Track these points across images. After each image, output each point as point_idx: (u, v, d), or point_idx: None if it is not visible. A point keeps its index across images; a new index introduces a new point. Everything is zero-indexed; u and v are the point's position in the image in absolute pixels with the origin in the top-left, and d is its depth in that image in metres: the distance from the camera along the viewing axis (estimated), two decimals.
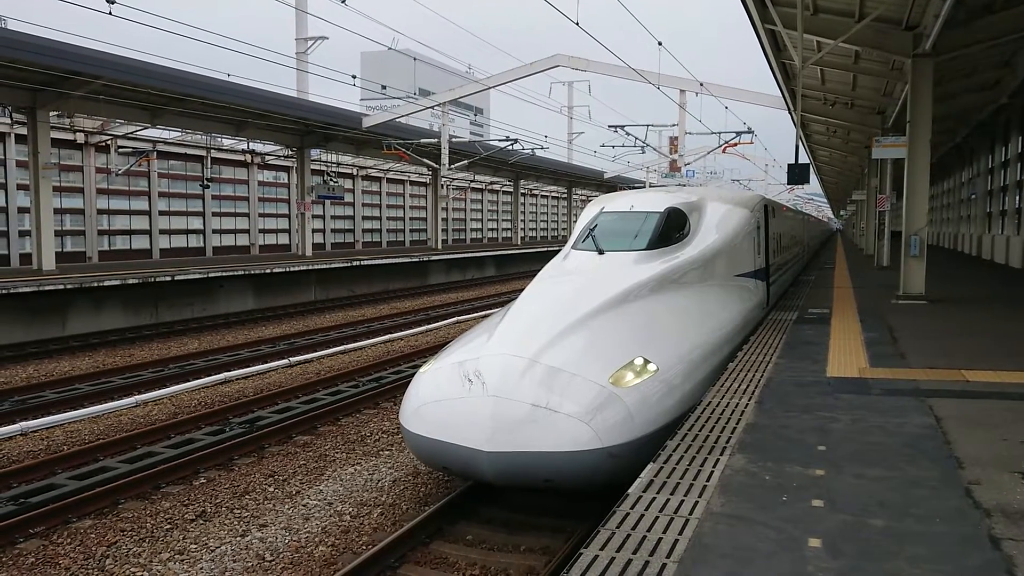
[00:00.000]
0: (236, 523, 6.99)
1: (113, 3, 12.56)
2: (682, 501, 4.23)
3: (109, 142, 27.46)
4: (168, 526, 6.92)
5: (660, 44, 21.99)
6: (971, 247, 32.11)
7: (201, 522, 7.03)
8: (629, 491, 4.42)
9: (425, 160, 32.03)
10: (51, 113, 20.56)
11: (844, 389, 6.96)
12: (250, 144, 31.75)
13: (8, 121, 24.01)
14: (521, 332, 6.93)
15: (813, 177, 58.05)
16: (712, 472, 4.71)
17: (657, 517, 4.01)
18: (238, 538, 6.66)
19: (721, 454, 5.06)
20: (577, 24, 16.30)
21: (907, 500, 4.23)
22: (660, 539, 3.73)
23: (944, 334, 10.27)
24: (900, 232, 14.58)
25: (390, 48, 30.59)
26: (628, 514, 4.07)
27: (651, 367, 6.68)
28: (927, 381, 7.28)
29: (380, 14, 27.54)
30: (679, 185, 29.74)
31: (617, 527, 3.89)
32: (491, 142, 36.30)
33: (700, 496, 4.30)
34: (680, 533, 3.78)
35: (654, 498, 4.30)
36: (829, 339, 9.74)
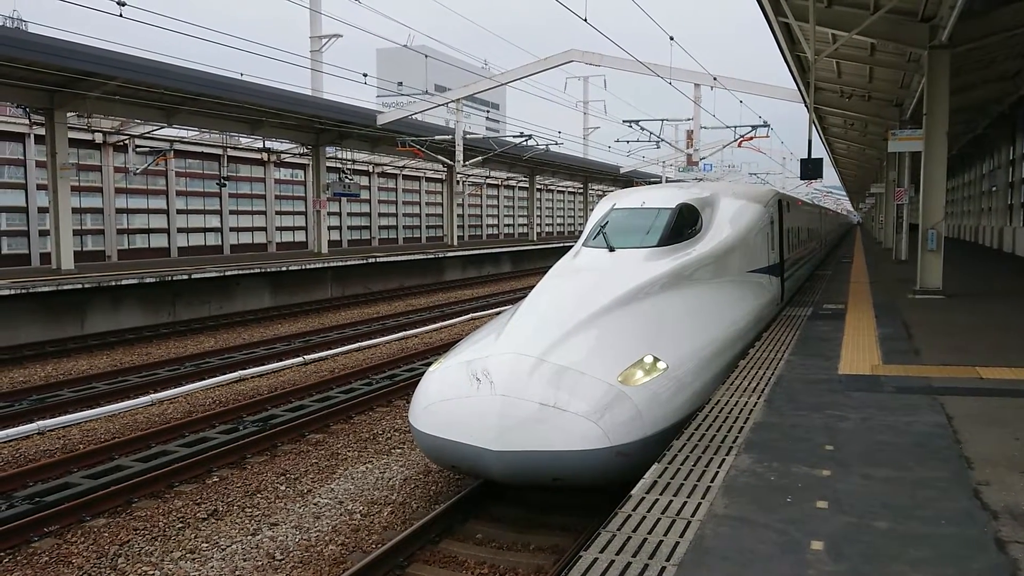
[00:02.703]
0: (247, 522, 7.04)
1: (123, 4, 12.66)
2: (685, 503, 4.21)
3: (127, 141, 27.66)
4: (180, 525, 6.99)
5: (672, 39, 21.88)
6: (992, 240, 31.71)
7: (213, 521, 7.09)
8: (632, 492, 4.41)
9: (440, 157, 32.03)
10: (68, 113, 20.73)
11: (855, 387, 6.89)
12: (266, 142, 31.90)
13: (27, 122, 24.24)
14: (530, 331, 6.92)
15: (831, 170, 57.54)
16: (717, 472, 4.68)
17: (659, 519, 4.00)
18: (249, 537, 6.71)
19: (727, 454, 5.03)
20: (585, 20, 16.24)
21: (913, 501, 4.18)
22: (661, 541, 3.71)
23: (960, 330, 10.15)
24: (918, 225, 14.42)
25: (405, 46, 30.64)
26: (630, 516, 4.06)
27: (661, 365, 6.66)
28: (940, 378, 7.20)
29: (396, 12, 27.57)
30: (696, 179, 29.58)
31: (618, 529, 3.88)
32: (506, 138, 36.25)
33: (703, 497, 4.27)
34: (681, 535, 3.77)
35: (657, 499, 4.28)
36: (843, 335, 9.66)
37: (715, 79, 24.76)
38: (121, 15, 13.15)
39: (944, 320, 11.01)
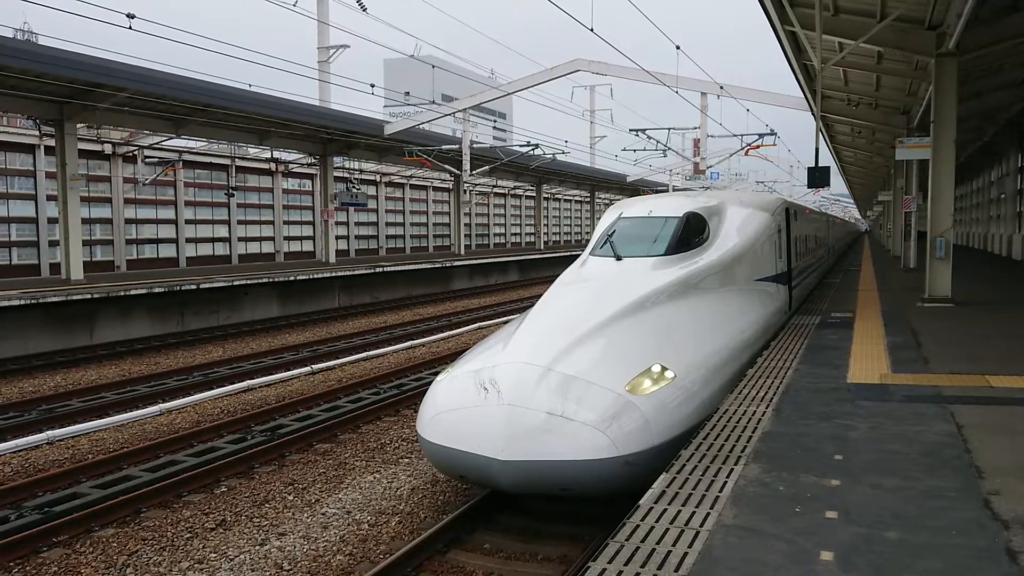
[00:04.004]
0: (255, 532, 7.05)
1: (133, 17, 12.78)
2: (693, 513, 4.20)
3: (136, 152, 27.82)
4: (188, 535, 6.99)
5: (678, 48, 21.92)
6: (1001, 247, 31.58)
7: (221, 531, 7.09)
8: (640, 502, 4.40)
9: (447, 166, 32.10)
10: (78, 125, 20.87)
11: (864, 396, 6.86)
12: (274, 153, 32.02)
13: (37, 133, 24.41)
14: (537, 340, 6.93)
15: (839, 178, 57.45)
16: (725, 483, 4.67)
17: (667, 529, 3.99)
18: (257, 547, 6.71)
19: (735, 464, 5.01)
20: (591, 30, 16.28)
21: (923, 511, 4.16)
22: (669, 552, 3.70)
23: (969, 338, 10.10)
24: (926, 233, 14.37)
25: (412, 56, 30.75)
26: (638, 526, 4.05)
27: (668, 374, 6.65)
28: (950, 387, 7.16)
29: (402, 22, 27.70)
30: (703, 188, 29.58)
31: (626, 539, 3.87)
32: (513, 147, 36.32)
33: (712, 507, 4.26)
34: (690, 546, 3.75)
35: (665, 509, 4.27)
36: (851, 344, 9.62)
37: (721, 88, 24.78)
38: (130, 27, 13.26)
39: (953, 328, 10.96)
